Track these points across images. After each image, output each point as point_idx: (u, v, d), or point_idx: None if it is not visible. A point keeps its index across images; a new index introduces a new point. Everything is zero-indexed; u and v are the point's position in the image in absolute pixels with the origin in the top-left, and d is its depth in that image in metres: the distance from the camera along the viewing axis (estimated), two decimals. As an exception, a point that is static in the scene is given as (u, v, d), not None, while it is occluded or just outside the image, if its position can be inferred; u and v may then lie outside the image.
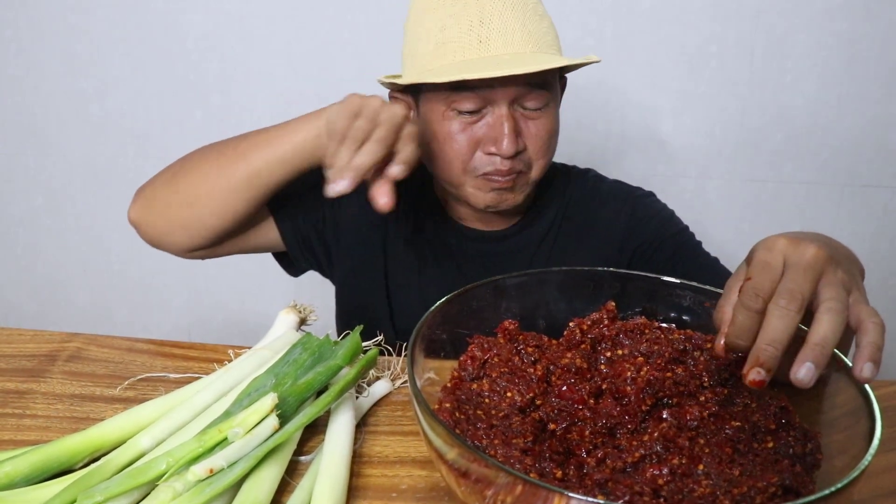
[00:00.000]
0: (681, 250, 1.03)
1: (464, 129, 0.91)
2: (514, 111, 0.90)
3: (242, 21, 1.80)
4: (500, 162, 0.90)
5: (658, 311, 0.66)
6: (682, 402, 0.56)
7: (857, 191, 1.92)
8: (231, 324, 2.10)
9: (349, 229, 1.06)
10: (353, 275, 1.08)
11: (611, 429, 0.53)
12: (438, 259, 1.07)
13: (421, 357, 0.55)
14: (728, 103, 1.81)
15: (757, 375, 0.49)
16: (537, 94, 0.90)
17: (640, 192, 1.11)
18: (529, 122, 0.92)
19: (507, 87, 0.88)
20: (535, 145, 0.92)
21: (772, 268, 0.54)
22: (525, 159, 0.92)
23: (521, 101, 0.90)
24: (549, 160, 0.96)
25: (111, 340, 0.83)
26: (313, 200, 1.03)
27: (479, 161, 0.91)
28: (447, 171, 0.94)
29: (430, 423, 0.46)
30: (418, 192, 1.08)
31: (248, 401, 0.62)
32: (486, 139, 0.90)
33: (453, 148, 0.92)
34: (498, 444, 0.49)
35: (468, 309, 0.62)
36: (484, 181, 0.92)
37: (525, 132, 0.92)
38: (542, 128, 0.92)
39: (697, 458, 0.49)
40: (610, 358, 0.60)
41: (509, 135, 0.88)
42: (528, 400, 0.55)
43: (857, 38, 1.74)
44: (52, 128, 2.00)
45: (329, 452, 0.59)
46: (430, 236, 1.07)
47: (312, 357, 0.66)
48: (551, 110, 0.93)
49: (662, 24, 1.73)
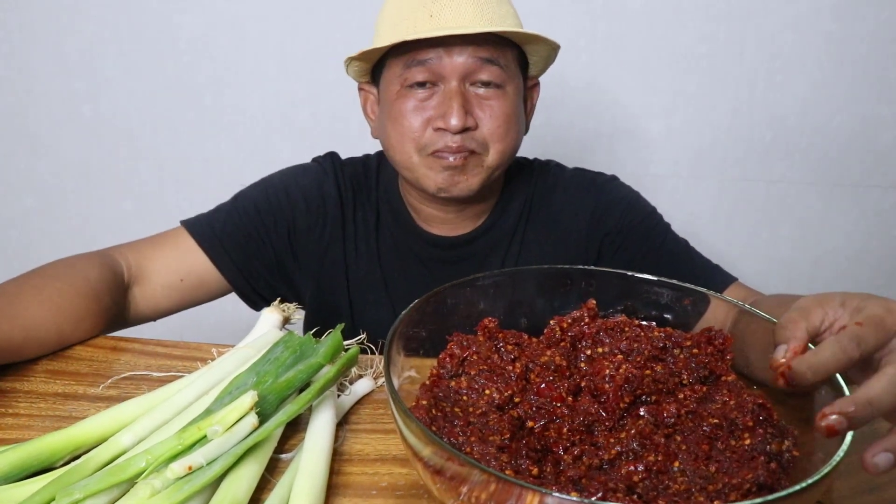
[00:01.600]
0: (650, 236, 1.02)
1: (416, 106, 0.92)
2: (466, 89, 0.91)
3: (235, 22, 1.80)
4: (449, 138, 0.90)
5: (639, 309, 0.67)
6: (661, 400, 0.56)
7: (848, 190, 1.93)
8: (224, 324, 2.09)
9: (309, 255, 1.05)
10: (318, 296, 1.07)
11: (588, 426, 0.53)
12: (406, 271, 1.06)
13: (399, 355, 0.56)
14: (719, 103, 1.81)
15: (838, 425, 0.44)
16: (489, 69, 0.90)
17: (602, 178, 1.10)
18: (483, 101, 0.92)
19: (456, 60, 0.89)
20: (489, 126, 0.92)
21: (886, 329, 0.49)
22: (478, 139, 0.92)
23: (472, 78, 0.91)
24: (509, 148, 0.95)
25: (95, 339, 0.83)
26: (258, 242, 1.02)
27: (429, 138, 0.92)
28: (401, 152, 0.94)
29: (405, 420, 0.46)
30: (381, 204, 1.07)
31: (230, 399, 0.62)
32: (436, 115, 0.91)
33: (405, 125, 0.92)
34: (474, 442, 0.49)
35: (447, 307, 0.62)
36: (435, 160, 0.92)
37: (478, 112, 0.91)
38: (496, 108, 0.92)
39: (674, 454, 0.49)
40: (590, 356, 0.60)
41: (457, 109, 0.88)
42: (507, 397, 0.55)
43: (847, 38, 1.74)
44: (43, 128, 2.00)
45: (309, 450, 0.59)
46: (395, 248, 1.06)
47: (294, 355, 0.66)
48: (508, 94, 0.93)
49: (654, 25, 1.74)
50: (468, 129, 0.90)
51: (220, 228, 1.00)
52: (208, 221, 1.02)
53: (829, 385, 0.51)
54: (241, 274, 1.01)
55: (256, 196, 1.04)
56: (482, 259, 1.05)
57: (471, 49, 0.89)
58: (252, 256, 1.02)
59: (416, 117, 0.92)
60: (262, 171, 1.10)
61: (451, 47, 0.89)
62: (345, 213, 1.05)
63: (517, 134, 0.96)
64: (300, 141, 1.90)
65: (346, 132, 1.81)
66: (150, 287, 0.96)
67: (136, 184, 2.05)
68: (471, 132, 0.91)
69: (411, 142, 0.93)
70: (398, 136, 0.94)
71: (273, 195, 1.04)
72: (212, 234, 1.00)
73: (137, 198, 2.06)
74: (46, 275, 0.85)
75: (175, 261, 0.98)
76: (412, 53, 0.91)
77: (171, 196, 2.03)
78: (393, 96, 0.93)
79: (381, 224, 1.06)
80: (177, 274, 0.97)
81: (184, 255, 0.98)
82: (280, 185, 1.05)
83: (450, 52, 0.89)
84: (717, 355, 0.59)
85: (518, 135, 0.96)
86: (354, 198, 1.07)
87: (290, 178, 1.06)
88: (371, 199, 1.07)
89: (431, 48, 0.89)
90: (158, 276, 0.96)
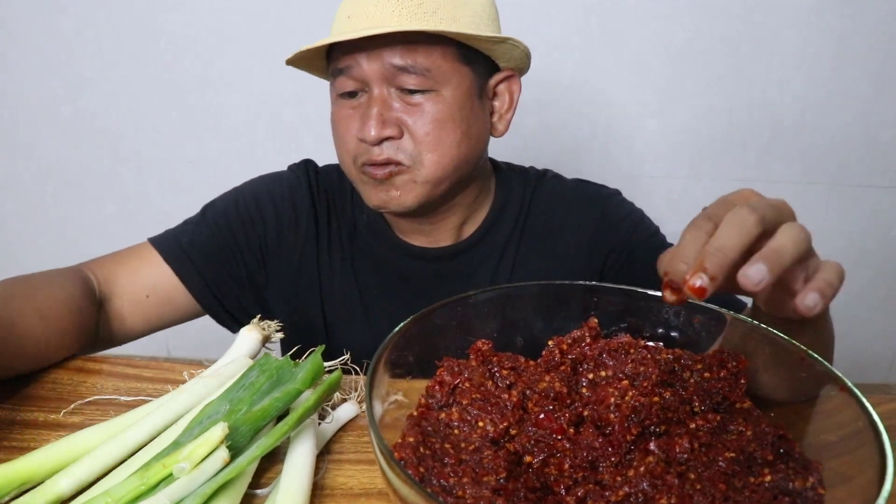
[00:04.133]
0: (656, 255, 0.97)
1: (348, 115, 0.86)
2: (390, 95, 0.83)
3: (218, 21, 1.75)
4: (374, 151, 0.83)
5: (644, 328, 0.62)
6: (671, 430, 0.51)
7: (846, 190, 1.90)
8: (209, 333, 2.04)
9: (281, 271, 0.99)
10: (291, 314, 1.00)
11: (592, 462, 0.48)
12: (385, 287, 0.99)
13: (383, 383, 0.50)
14: (715, 102, 1.77)
15: (699, 281, 0.44)
16: (411, 76, 0.82)
17: (606, 192, 1.03)
18: (411, 107, 0.83)
19: (374, 66, 0.82)
20: (418, 134, 0.83)
21: (730, 201, 0.51)
22: (406, 149, 0.84)
23: (395, 83, 0.83)
24: (446, 157, 0.85)
25: (62, 359, 0.78)
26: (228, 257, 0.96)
27: (356, 149, 0.85)
28: (342, 163, 0.90)
29: (390, 465, 0.41)
30: (357, 215, 1.00)
31: (200, 429, 0.57)
32: (359, 125, 0.84)
33: (338, 135, 0.88)
34: (467, 483, 0.44)
35: (436, 329, 0.57)
36: (363, 173, 0.86)
37: (405, 118, 0.83)
38: (425, 114, 0.83)
39: (688, 496, 0.44)
40: (592, 380, 0.55)
41: (373, 118, 0.81)
42: (502, 430, 0.50)
43: (845, 36, 1.71)
44: (22, 130, 1.95)
45: (286, 487, 0.54)
46: (372, 263, 0.99)
47: (270, 380, 0.61)
48: (443, 97, 0.83)
49: (648, 23, 1.70)
50: (392, 139, 0.83)
51: (188, 242, 0.94)
52: (175, 236, 0.96)
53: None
54: (209, 291, 0.95)
55: (226, 208, 0.98)
56: (469, 274, 0.98)
57: (387, 51, 0.81)
58: (221, 272, 0.96)
59: (348, 126, 0.86)
60: (247, 172, 1.05)
61: (367, 52, 0.82)
62: (319, 226, 0.99)
63: (459, 141, 0.85)
64: (285, 142, 1.85)
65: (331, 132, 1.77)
66: (117, 305, 0.90)
67: (118, 186, 2.00)
68: (396, 142, 0.83)
69: (346, 152, 0.87)
70: (336, 146, 0.89)
71: (243, 206, 0.97)
72: (178, 248, 0.94)
73: (119, 201, 2.01)
74: (31, 284, 0.78)
75: (141, 277, 0.92)
76: (335, 61, 0.86)
77: (154, 199, 1.98)
78: (333, 103, 0.89)
79: (356, 236, 0.99)
80: (143, 291, 0.91)
81: (149, 270, 0.92)
82: (250, 196, 0.99)
83: (367, 56, 0.82)
84: (731, 380, 0.54)
85: (462, 141, 0.86)
86: (329, 208, 1.00)
87: (262, 188, 1.00)
88: (346, 210, 1.00)
89: (350, 55, 0.83)
90: (125, 293, 0.90)
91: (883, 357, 2.11)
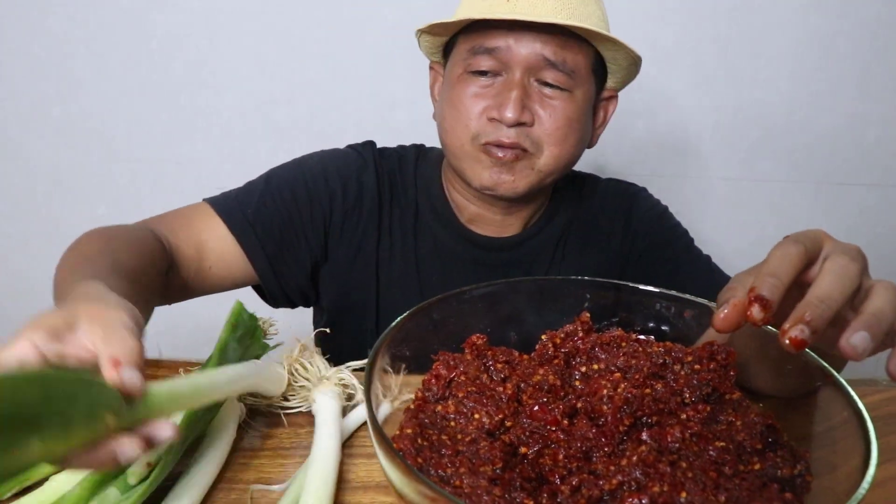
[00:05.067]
0: (677, 247, 1.02)
1: (476, 93, 0.87)
2: (530, 84, 0.86)
3: (209, 21, 1.75)
4: (503, 131, 0.85)
5: (635, 322, 0.63)
6: (663, 421, 0.52)
7: (833, 189, 1.92)
8: (202, 331, 2.04)
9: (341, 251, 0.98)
10: (342, 296, 1.00)
11: (586, 452, 0.49)
12: (447, 273, 0.99)
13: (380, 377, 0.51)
14: (702, 101, 1.79)
15: (800, 333, 0.43)
16: (557, 72, 0.85)
17: (635, 188, 1.09)
18: (546, 100, 0.87)
19: (524, 52, 0.84)
20: (548, 126, 0.86)
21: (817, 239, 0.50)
22: (533, 137, 0.87)
23: (538, 74, 0.86)
24: (566, 153, 0.89)
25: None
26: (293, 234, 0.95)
27: (483, 127, 0.87)
28: (453, 137, 0.89)
29: (388, 456, 0.42)
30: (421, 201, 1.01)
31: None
32: (493, 104, 0.86)
33: (461, 110, 0.88)
34: (464, 473, 0.45)
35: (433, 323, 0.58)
36: (484, 152, 0.87)
37: (538, 109, 0.86)
38: (559, 110, 0.86)
39: (680, 484, 0.45)
40: (585, 373, 0.57)
41: (515, 101, 0.84)
42: (498, 422, 0.51)
43: (831, 36, 1.73)
44: (12, 131, 1.94)
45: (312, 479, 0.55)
46: (435, 249, 0.99)
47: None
48: (575, 98, 0.88)
49: (635, 22, 1.71)
50: (523, 125, 0.85)
51: (253, 214, 0.92)
52: (239, 204, 0.93)
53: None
54: (270, 266, 0.93)
55: (293, 180, 0.96)
56: (530, 262, 1.01)
57: (540, 43, 0.84)
58: (283, 249, 0.94)
59: (475, 104, 0.87)
60: (240, 172, 1.04)
61: (520, 37, 0.84)
62: (381, 208, 0.98)
63: (577, 142, 0.90)
64: (277, 142, 1.85)
65: (324, 132, 1.77)
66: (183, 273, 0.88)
67: (110, 188, 1.99)
68: (526, 128, 0.86)
69: (465, 128, 0.88)
70: (453, 121, 0.89)
71: (312, 181, 0.96)
72: (243, 218, 0.92)
73: (111, 202, 2.00)
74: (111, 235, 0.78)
75: (205, 243, 0.90)
76: (481, 38, 0.87)
77: (147, 200, 1.98)
78: (455, 79, 0.89)
79: (419, 222, 1.00)
80: (207, 260, 0.90)
81: (215, 239, 0.91)
82: (319, 171, 0.97)
83: (519, 42, 0.84)
84: (721, 371, 0.56)
85: (579, 143, 0.91)
86: (392, 191, 1.00)
87: (330, 164, 0.99)
88: (409, 196, 1.00)
89: (501, 36, 0.85)
90: (186, 257, 0.88)
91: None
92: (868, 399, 0.73)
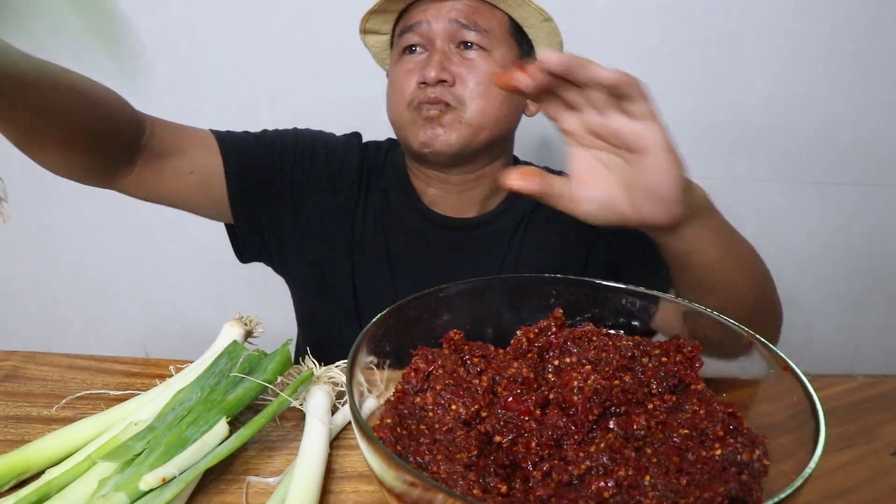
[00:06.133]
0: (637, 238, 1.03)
1: (409, 69, 0.98)
2: (450, 50, 0.97)
3: (192, 23, 1.76)
4: (429, 90, 0.94)
5: (607, 317, 0.66)
6: (630, 410, 0.55)
7: (810, 188, 1.95)
8: (188, 333, 2.05)
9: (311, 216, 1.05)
10: (314, 267, 1.07)
11: (557, 440, 0.52)
12: (412, 250, 1.07)
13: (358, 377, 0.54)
14: (681, 102, 1.82)
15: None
16: (471, 32, 0.96)
17: None
18: (465, 61, 0.96)
19: (441, 22, 0.96)
20: (469, 83, 0.96)
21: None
22: (455, 94, 0.95)
23: (456, 39, 0.97)
24: (490, 107, 0.97)
25: (50, 358, 0.80)
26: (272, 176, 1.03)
27: (414, 93, 0.96)
28: (394, 112, 1.00)
29: (369, 444, 0.44)
30: (391, 186, 1.09)
31: (173, 415, 0.60)
32: (419, 71, 0.96)
33: (397, 86, 0.98)
34: (441, 460, 0.48)
35: (412, 319, 0.61)
36: (416, 113, 0.96)
37: (459, 69, 0.96)
38: (477, 67, 0.96)
39: (644, 468, 0.48)
40: (557, 366, 0.59)
41: (435, 63, 0.94)
42: (473, 412, 0.53)
43: (808, 38, 1.76)
44: (-5, 134, 1.93)
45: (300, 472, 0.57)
46: (401, 228, 1.07)
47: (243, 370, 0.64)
48: (493, 58, 0.97)
49: (615, 24, 1.74)
50: (444, 82, 0.95)
51: (244, 148, 1.01)
52: (236, 137, 1.03)
53: None
54: (244, 197, 1.01)
55: (285, 135, 1.07)
56: (487, 246, 1.07)
57: (455, 11, 0.96)
58: (262, 186, 1.02)
59: (409, 77, 0.98)
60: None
61: (436, 11, 0.96)
62: (359, 190, 1.08)
63: (501, 98, 0.97)
64: (263, 144, 1.87)
65: (310, 135, 1.78)
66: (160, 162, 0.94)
67: (94, 189, 1.99)
68: (447, 86, 0.95)
69: (402, 98, 0.97)
70: (393, 98, 1.00)
71: (301, 141, 1.07)
72: (234, 147, 1.00)
73: (95, 204, 2.00)
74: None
75: (193, 152, 0.97)
76: (404, 21, 1.00)
77: (131, 202, 1.98)
78: (393, 63, 1.01)
79: (390, 204, 1.08)
80: (189, 165, 0.96)
81: (206, 152, 0.98)
82: (308, 137, 1.08)
83: (435, 15, 0.96)
84: (686, 363, 0.58)
85: (506, 101, 0.98)
86: (370, 176, 1.10)
87: (319, 136, 1.10)
88: (380, 183, 1.10)
89: (420, 13, 0.97)
90: (172, 157, 0.95)
91: (846, 348, 2.17)
92: (831, 390, 0.77)
